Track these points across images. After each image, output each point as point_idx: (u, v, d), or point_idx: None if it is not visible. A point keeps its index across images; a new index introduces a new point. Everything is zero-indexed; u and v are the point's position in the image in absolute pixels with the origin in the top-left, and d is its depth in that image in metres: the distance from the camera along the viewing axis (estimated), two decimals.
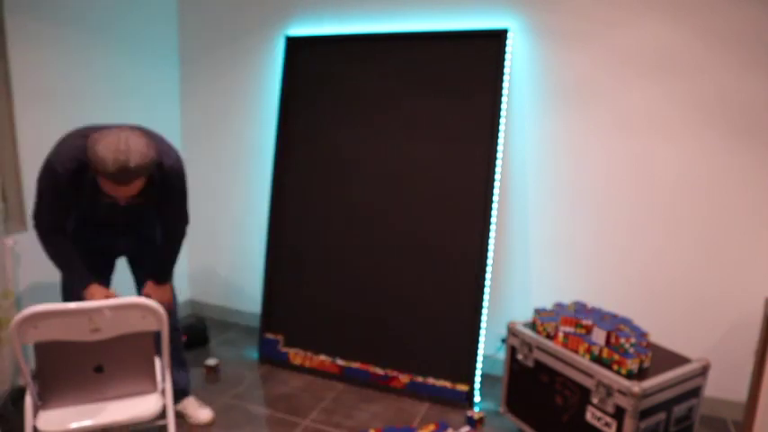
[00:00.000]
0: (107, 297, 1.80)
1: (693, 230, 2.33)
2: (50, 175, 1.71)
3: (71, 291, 1.97)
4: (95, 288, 1.83)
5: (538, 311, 2.16)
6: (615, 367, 1.81)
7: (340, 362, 2.65)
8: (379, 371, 2.57)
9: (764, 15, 2.11)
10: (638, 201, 2.39)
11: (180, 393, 2.25)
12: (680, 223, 2.34)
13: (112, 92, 2.75)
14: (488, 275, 2.44)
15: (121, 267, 2.19)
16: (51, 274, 2.48)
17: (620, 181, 2.41)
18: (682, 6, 2.21)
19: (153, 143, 1.65)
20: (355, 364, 2.62)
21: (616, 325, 1.96)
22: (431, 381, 2.47)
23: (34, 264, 2.40)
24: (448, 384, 2.45)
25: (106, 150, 1.53)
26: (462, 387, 2.43)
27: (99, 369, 1.60)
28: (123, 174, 1.55)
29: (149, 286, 2.03)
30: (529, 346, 2.08)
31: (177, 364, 2.21)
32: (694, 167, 2.29)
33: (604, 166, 2.42)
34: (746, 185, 2.23)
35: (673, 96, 2.28)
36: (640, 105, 2.33)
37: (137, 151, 1.56)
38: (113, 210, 1.86)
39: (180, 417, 2.25)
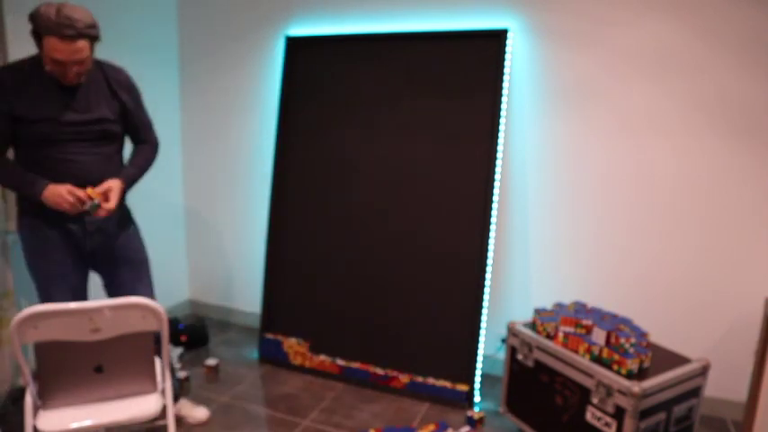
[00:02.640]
0: (70, 191, 1.71)
1: (693, 230, 2.33)
2: None
3: (42, 284, 1.87)
4: (53, 185, 1.72)
5: (538, 311, 2.16)
6: (615, 367, 1.81)
7: (340, 362, 2.65)
8: (379, 371, 2.57)
9: (764, 15, 2.11)
10: (638, 201, 2.39)
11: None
12: (680, 223, 2.34)
13: None
14: (488, 275, 2.44)
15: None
16: None
17: (620, 181, 2.41)
18: (682, 6, 2.21)
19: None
20: (355, 364, 2.62)
21: (616, 325, 1.96)
22: (431, 381, 2.47)
23: None
24: (448, 384, 2.45)
25: (48, 7, 1.58)
26: (462, 387, 2.43)
27: (99, 369, 1.60)
28: (67, 25, 1.57)
29: (111, 180, 1.84)
30: (529, 346, 2.08)
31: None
32: (694, 167, 2.29)
33: (604, 166, 2.43)
34: (746, 185, 2.23)
35: (673, 96, 2.28)
36: (640, 105, 2.33)
37: (80, 8, 1.62)
38: (69, 120, 1.75)
39: (178, 420, 2.25)
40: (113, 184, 1.82)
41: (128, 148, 2.06)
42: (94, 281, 2.72)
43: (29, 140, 1.75)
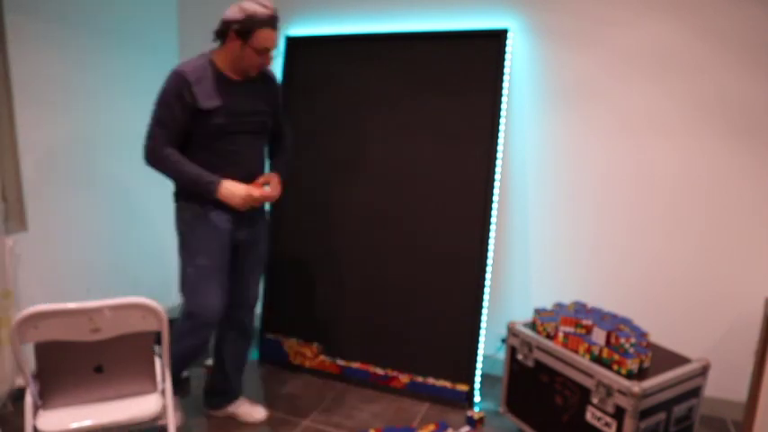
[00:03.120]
0: (248, 192, 1.89)
1: (693, 230, 2.33)
2: (175, 81, 1.83)
3: (189, 278, 1.98)
4: (229, 183, 1.88)
5: (538, 311, 2.16)
6: (615, 367, 1.81)
7: (340, 362, 2.65)
8: (379, 371, 2.57)
9: (765, 15, 2.11)
10: (638, 201, 2.39)
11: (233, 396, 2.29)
12: (680, 223, 2.34)
13: (112, 92, 2.75)
14: (488, 275, 2.44)
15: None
16: (51, 274, 2.49)
17: (620, 181, 2.41)
18: (682, 6, 2.21)
19: None
20: (355, 364, 2.62)
21: (616, 325, 1.96)
22: (431, 381, 2.47)
23: (34, 264, 2.40)
24: (448, 384, 2.45)
25: (251, 3, 1.80)
26: (462, 387, 2.43)
27: (99, 369, 1.60)
28: (276, 15, 1.83)
29: (272, 175, 2.04)
30: (529, 346, 2.08)
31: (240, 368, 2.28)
32: (694, 167, 2.29)
33: (604, 166, 2.42)
34: (746, 185, 2.23)
35: (673, 96, 2.28)
36: (640, 105, 2.33)
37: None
38: (241, 109, 1.92)
39: (232, 419, 2.29)
40: (274, 177, 2.03)
41: None
42: (93, 283, 2.72)
43: (204, 132, 1.90)
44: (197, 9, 3.09)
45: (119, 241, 2.83)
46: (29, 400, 1.55)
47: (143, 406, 1.64)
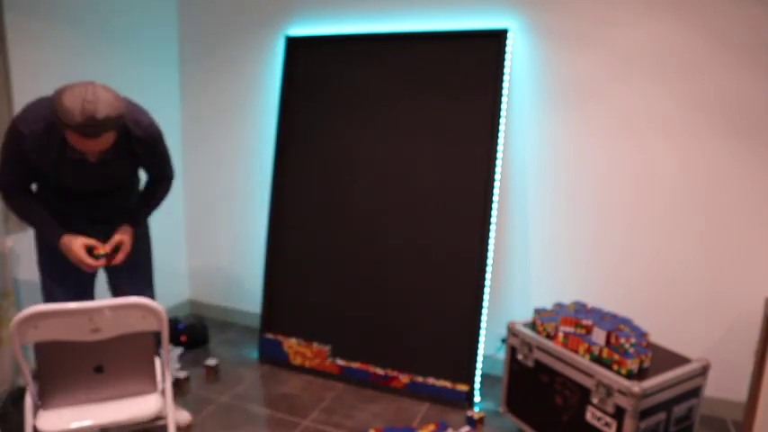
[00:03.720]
0: (85, 246, 1.77)
1: (693, 230, 2.33)
2: (15, 137, 1.63)
3: (48, 286, 1.92)
4: (68, 238, 1.76)
5: (538, 311, 2.16)
6: (615, 367, 1.81)
7: (340, 362, 2.65)
8: (379, 371, 2.57)
9: (765, 15, 2.11)
10: (638, 201, 2.39)
11: None
12: (680, 223, 2.34)
13: None
14: (488, 275, 2.44)
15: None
16: None
17: (620, 181, 2.41)
18: (682, 6, 2.21)
19: (122, 99, 1.60)
20: (355, 364, 2.62)
21: (616, 325, 1.96)
22: (431, 381, 2.47)
23: (34, 264, 2.40)
24: (448, 384, 2.45)
25: (72, 100, 1.47)
26: (462, 387, 2.43)
27: (99, 369, 1.60)
28: (91, 125, 1.48)
29: (122, 228, 1.88)
30: (529, 346, 2.08)
31: None
32: (694, 167, 2.29)
33: (604, 166, 2.43)
34: (746, 185, 2.23)
35: (673, 96, 2.28)
36: (640, 105, 2.33)
37: (105, 101, 1.50)
38: (85, 177, 1.77)
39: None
40: (125, 237, 1.86)
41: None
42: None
43: (45, 186, 1.82)
44: (197, 9, 3.09)
45: None
46: (29, 400, 1.55)
47: (143, 406, 1.63)
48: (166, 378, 1.72)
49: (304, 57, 2.79)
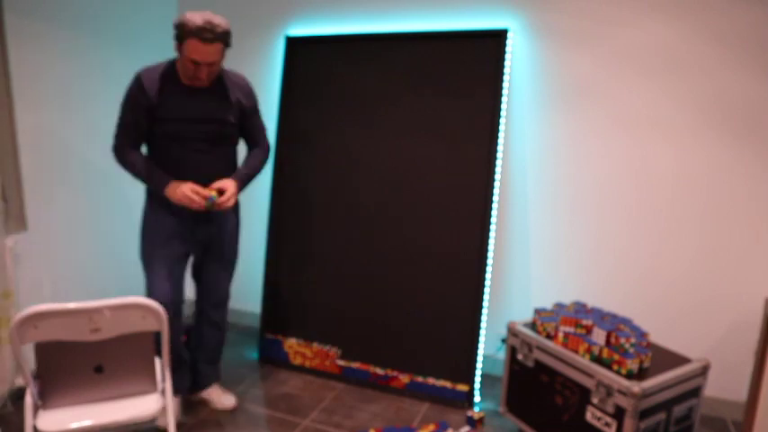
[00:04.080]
0: (192, 189, 1.92)
1: (693, 230, 2.33)
2: (133, 86, 1.91)
3: (147, 253, 2.07)
4: (175, 182, 1.94)
5: (538, 311, 2.16)
6: (615, 367, 1.81)
7: (340, 362, 2.65)
8: (379, 371, 2.57)
9: (765, 15, 2.11)
10: (637, 200, 2.39)
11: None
12: (680, 223, 2.34)
13: (113, 93, 2.72)
14: (488, 275, 2.44)
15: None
16: (51, 274, 2.48)
17: (620, 181, 2.41)
18: (682, 6, 2.21)
19: None
20: (355, 364, 2.62)
21: (616, 325, 1.96)
22: (431, 381, 2.47)
23: (34, 264, 2.40)
24: (448, 384, 2.45)
25: (193, 13, 1.79)
26: (462, 387, 2.43)
27: (99, 369, 1.60)
28: (209, 29, 1.77)
29: (224, 180, 2.04)
30: (529, 346, 2.08)
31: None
32: (694, 167, 2.29)
33: (604, 166, 2.42)
34: (746, 185, 2.23)
35: (673, 96, 2.28)
36: (640, 105, 2.33)
37: (219, 17, 1.82)
38: (194, 125, 1.96)
39: (205, 404, 2.38)
40: (229, 183, 2.02)
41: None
42: (93, 283, 2.72)
43: (159, 136, 1.97)
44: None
45: (118, 241, 2.83)
46: (29, 400, 1.55)
47: (143, 406, 1.64)
48: (166, 378, 1.72)
49: (304, 57, 2.79)
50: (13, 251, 2.27)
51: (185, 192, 1.91)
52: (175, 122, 1.95)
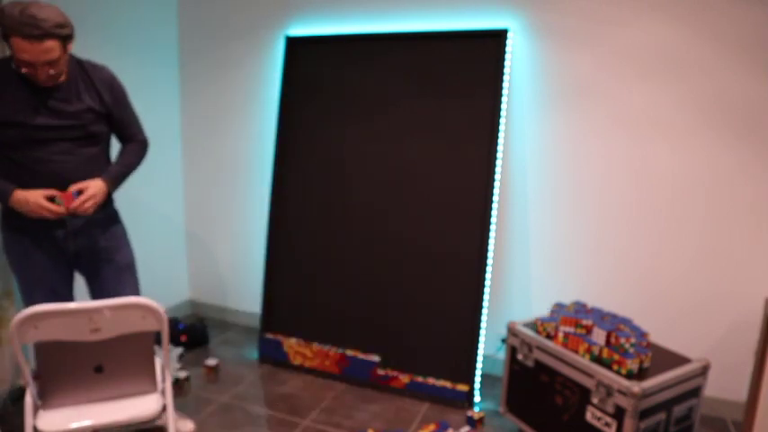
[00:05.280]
0: (44, 195, 1.68)
1: (693, 230, 2.33)
2: None
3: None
4: (22, 192, 1.67)
5: (539, 319, 2.15)
6: (615, 367, 1.81)
7: (340, 361, 2.65)
8: (380, 371, 2.57)
9: (765, 15, 2.11)
10: (638, 200, 2.39)
11: None
12: (680, 223, 2.34)
13: None
14: (488, 276, 2.44)
15: None
16: None
17: (621, 181, 2.41)
18: (682, 6, 2.21)
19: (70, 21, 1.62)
20: (355, 364, 2.61)
21: (616, 325, 1.96)
22: (431, 381, 2.47)
23: None
24: (448, 384, 2.45)
25: (12, 5, 1.49)
26: (462, 387, 2.43)
27: (99, 369, 1.60)
28: (31, 24, 1.48)
29: (90, 182, 1.78)
30: (529, 346, 2.08)
31: None
32: (694, 167, 2.29)
33: (604, 166, 2.43)
34: (747, 185, 2.23)
35: (673, 97, 2.28)
36: (641, 105, 2.33)
37: (47, 7, 1.52)
38: (51, 128, 1.70)
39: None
40: (91, 184, 1.78)
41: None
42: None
43: (3, 142, 1.70)
44: (197, 9, 3.09)
45: None
46: (29, 400, 1.55)
47: (143, 406, 1.64)
48: (166, 378, 1.72)
49: (304, 57, 2.79)
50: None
51: (39, 202, 1.67)
52: (18, 127, 1.67)
